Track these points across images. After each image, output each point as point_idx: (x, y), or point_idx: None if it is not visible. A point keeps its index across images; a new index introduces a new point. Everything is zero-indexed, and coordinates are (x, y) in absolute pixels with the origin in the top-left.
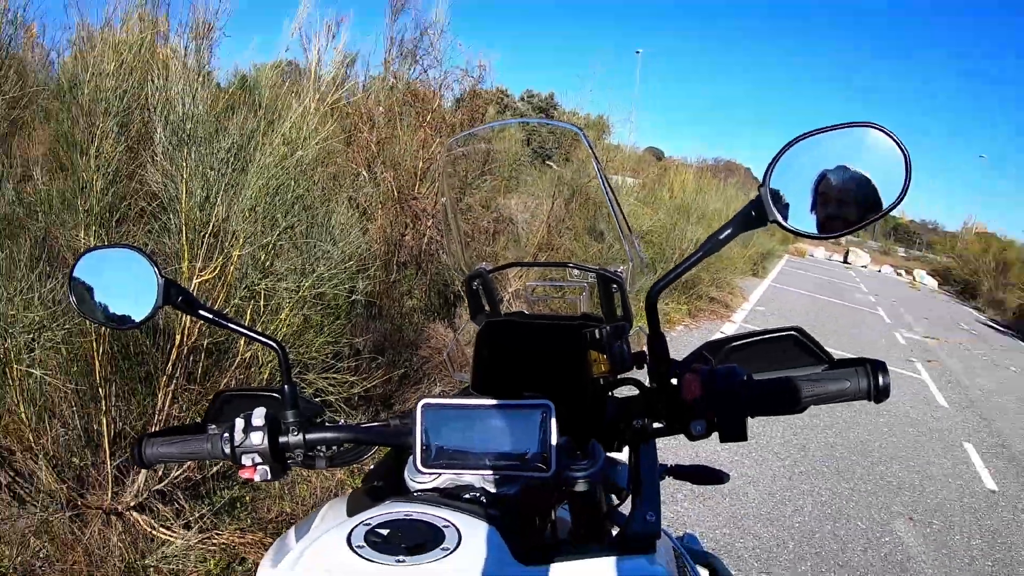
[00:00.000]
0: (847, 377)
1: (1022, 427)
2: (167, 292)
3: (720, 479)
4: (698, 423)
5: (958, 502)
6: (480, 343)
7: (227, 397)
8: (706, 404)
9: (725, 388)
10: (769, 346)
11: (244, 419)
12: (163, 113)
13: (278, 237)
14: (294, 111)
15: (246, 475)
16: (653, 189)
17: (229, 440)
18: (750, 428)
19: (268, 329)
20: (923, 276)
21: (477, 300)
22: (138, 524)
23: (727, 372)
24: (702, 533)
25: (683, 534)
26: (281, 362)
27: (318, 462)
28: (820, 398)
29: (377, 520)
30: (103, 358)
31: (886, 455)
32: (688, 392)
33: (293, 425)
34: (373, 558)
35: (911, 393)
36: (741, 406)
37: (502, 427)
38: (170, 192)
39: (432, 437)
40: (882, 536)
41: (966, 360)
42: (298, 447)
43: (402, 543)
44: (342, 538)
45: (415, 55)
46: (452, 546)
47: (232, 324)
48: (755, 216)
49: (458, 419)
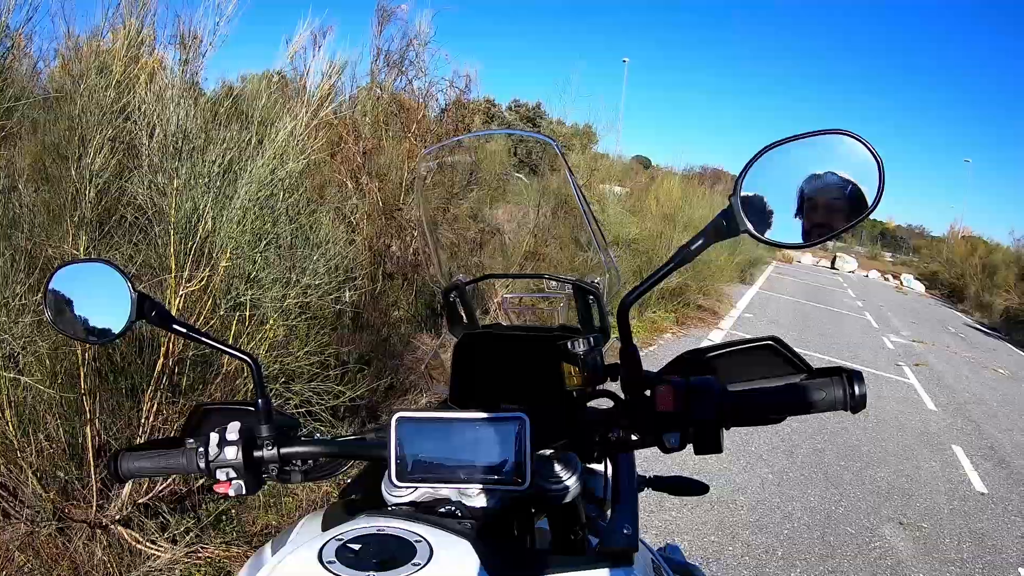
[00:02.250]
0: (822, 387)
1: (1011, 429)
2: (140, 307)
3: (700, 490)
4: (672, 436)
5: (948, 505)
6: (458, 356)
7: (205, 411)
8: (680, 416)
9: (699, 400)
10: (746, 356)
11: (219, 433)
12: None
13: (265, 248)
14: (285, 127)
15: (221, 490)
16: (640, 198)
17: (204, 455)
18: (735, 436)
19: (254, 340)
20: (910, 280)
21: (455, 312)
22: (123, 538)
23: (701, 384)
24: (691, 541)
25: (665, 545)
26: (254, 376)
27: (293, 476)
28: (795, 409)
29: (349, 535)
30: (88, 370)
31: (875, 459)
32: (662, 404)
33: (267, 439)
34: (342, 573)
35: (899, 397)
36: (715, 419)
37: (477, 440)
38: (159, 204)
39: (407, 450)
40: (872, 541)
41: (954, 363)
42: (272, 461)
43: (373, 558)
44: (313, 554)
45: (401, 66)
46: (423, 561)
47: (206, 338)
48: (726, 226)
49: (433, 432)
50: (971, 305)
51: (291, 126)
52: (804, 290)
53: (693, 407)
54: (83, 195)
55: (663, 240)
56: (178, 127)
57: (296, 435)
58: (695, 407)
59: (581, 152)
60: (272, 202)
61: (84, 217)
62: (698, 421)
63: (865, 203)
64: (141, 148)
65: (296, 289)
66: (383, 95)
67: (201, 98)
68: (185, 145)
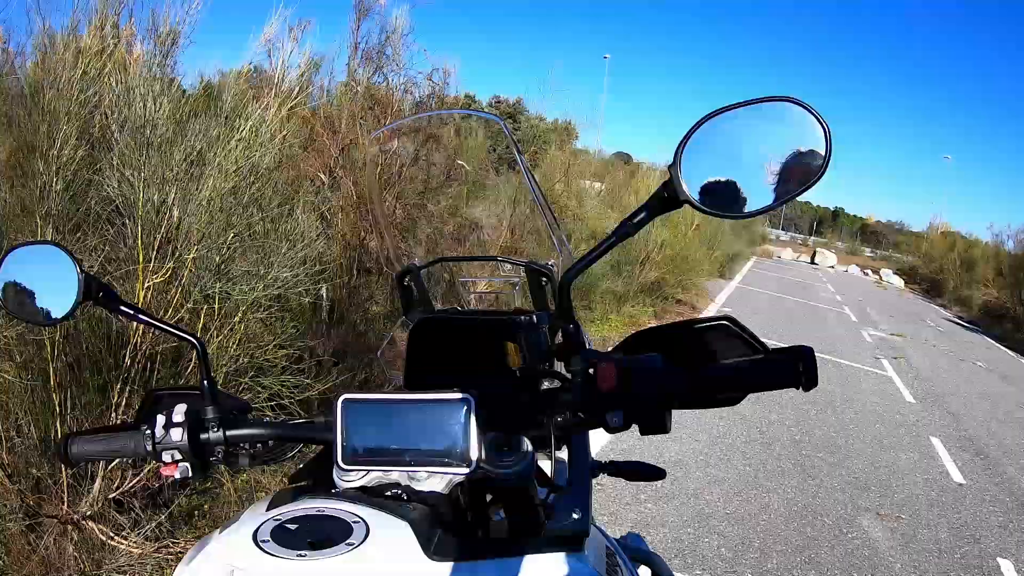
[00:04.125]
0: (772, 365)
1: (988, 421)
2: (87, 288)
3: (657, 476)
4: (614, 415)
5: (925, 496)
6: (412, 341)
7: (157, 396)
8: (622, 394)
9: (641, 378)
10: (701, 337)
11: (165, 416)
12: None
13: (233, 238)
14: (255, 114)
15: (167, 472)
16: (619, 193)
17: (151, 437)
18: (712, 428)
19: (222, 333)
20: (889, 275)
21: (409, 297)
22: (94, 533)
23: (644, 361)
24: (666, 533)
25: (627, 533)
26: (200, 357)
27: (241, 460)
28: (743, 387)
29: (288, 516)
30: (59, 364)
31: (853, 451)
32: (603, 382)
33: (213, 421)
34: (275, 552)
35: (878, 390)
36: (658, 396)
37: (424, 422)
38: (126, 195)
39: (353, 433)
40: (849, 532)
41: (932, 356)
42: (219, 444)
43: (308, 538)
44: (249, 533)
45: (379, 61)
46: (357, 541)
47: (151, 319)
48: (667, 198)
49: (379, 414)
50: (950, 300)
51: (259, 113)
52: (783, 285)
53: (636, 385)
54: (51, 187)
55: (641, 233)
56: (146, 118)
57: (246, 419)
58: (637, 385)
59: (560, 148)
60: (239, 194)
61: (51, 210)
62: (640, 399)
63: (812, 171)
64: (111, 140)
65: (266, 280)
66: (359, 89)
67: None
68: (153, 137)
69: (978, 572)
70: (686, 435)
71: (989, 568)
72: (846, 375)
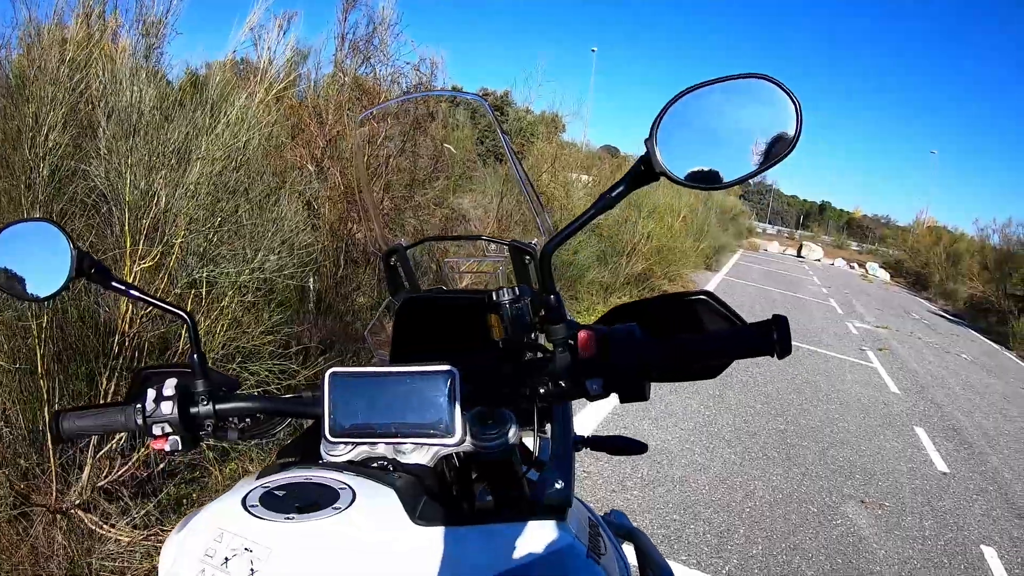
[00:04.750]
0: (748, 333)
1: (972, 411)
2: (80, 264)
3: (639, 449)
4: (594, 382)
5: (910, 484)
6: (398, 320)
7: (147, 375)
8: (601, 362)
9: (620, 345)
10: (680, 311)
11: (155, 390)
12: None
13: (220, 222)
14: (239, 99)
15: (158, 446)
16: (606, 185)
17: (141, 411)
18: (697, 416)
19: (209, 318)
20: (875, 269)
21: (396, 277)
22: (83, 522)
23: (621, 330)
24: (652, 520)
25: (610, 511)
26: (190, 332)
27: (230, 433)
28: (719, 355)
29: (276, 483)
30: (45, 351)
31: (837, 440)
32: (583, 349)
33: (202, 395)
34: (263, 515)
35: (862, 380)
36: (637, 363)
37: (409, 395)
38: (113, 182)
39: (341, 407)
40: (834, 519)
41: (917, 348)
42: (208, 417)
43: (295, 503)
44: (237, 499)
45: (367, 53)
46: (344, 506)
47: (142, 295)
48: (644, 171)
49: (366, 388)
50: (935, 293)
51: (244, 99)
52: (770, 277)
53: (614, 353)
54: (37, 173)
55: (627, 225)
56: (132, 103)
57: (235, 393)
58: (616, 353)
59: (547, 141)
60: (225, 178)
61: (37, 197)
62: (619, 366)
63: (783, 145)
64: (97, 127)
65: (253, 264)
66: (346, 80)
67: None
68: (140, 123)
69: (962, 559)
70: (671, 423)
71: (973, 555)
72: (831, 366)
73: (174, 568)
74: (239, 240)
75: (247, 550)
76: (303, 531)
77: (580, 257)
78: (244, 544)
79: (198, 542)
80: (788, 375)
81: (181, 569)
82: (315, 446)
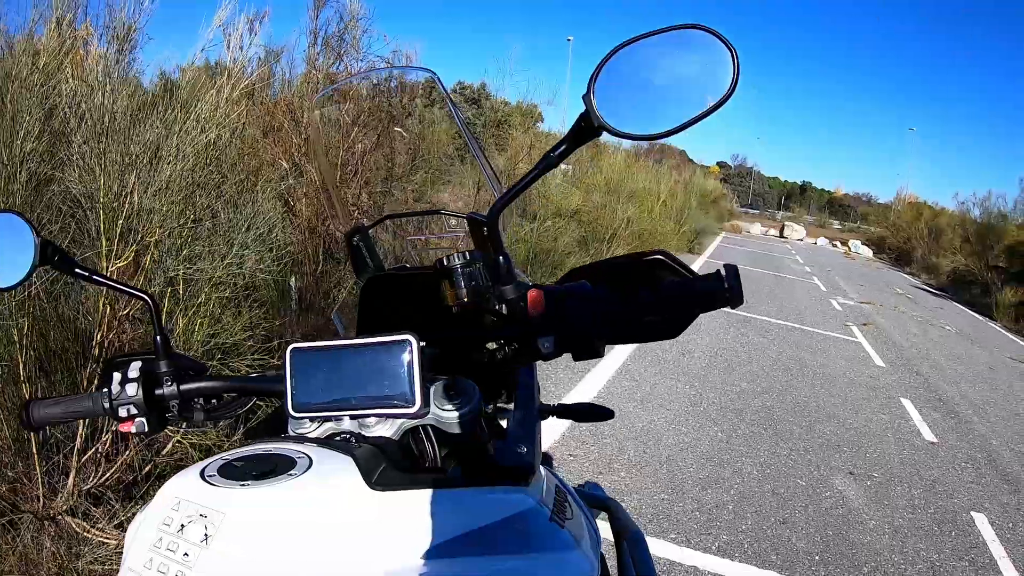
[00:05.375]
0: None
1: (958, 382)
2: (44, 252)
3: (605, 415)
4: (546, 339)
5: (898, 455)
6: (363, 299)
7: (116, 363)
8: (551, 319)
9: (571, 301)
10: (635, 270)
11: (121, 373)
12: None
13: (194, 220)
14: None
15: (124, 428)
16: (585, 172)
17: (107, 394)
18: (683, 397)
19: (187, 317)
20: (858, 246)
21: (360, 257)
22: (71, 527)
23: (572, 286)
24: (640, 499)
25: (584, 482)
26: (152, 313)
27: (196, 415)
28: (673, 306)
29: (235, 456)
30: (27, 359)
31: (824, 415)
32: (533, 307)
33: (167, 375)
34: (220, 484)
35: (848, 355)
36: (588, 319)
37: (369, 367)
38: (87, 184)
39: (303, 381)
40: (823, 491)
41: (901, 322)
42: (173, 398)
43: (253, 471)
44: (196, 471)
45: (339, 49)
46: (299, 472)
47: (105, 279)
48: (585, 127)
49: (326, 361)
50: (918, 267)
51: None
52: (753, 258)
53: (566, 308)
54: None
55: (607, 210)
56: (104, 105)
57: (201, 375)
58: (567, 308)
59: (524, 131)
60: (197, 175)
61: (15, 203)
62: (571, 322)
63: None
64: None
65: (229, 260)
66: (319, 76)
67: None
68: (112, 125)
69: (952, 526)
70: (656, 404)
71: (963, 522)
72: (816, 342)
73: (135, 541)
74: (215, 237)
75: (202, 515)
76: (257, 496)
77: (560, 243)
78: (199, 511)
79: (157, 512)
80: (773, 353)
81: (141, 540)
82: (281, 429)
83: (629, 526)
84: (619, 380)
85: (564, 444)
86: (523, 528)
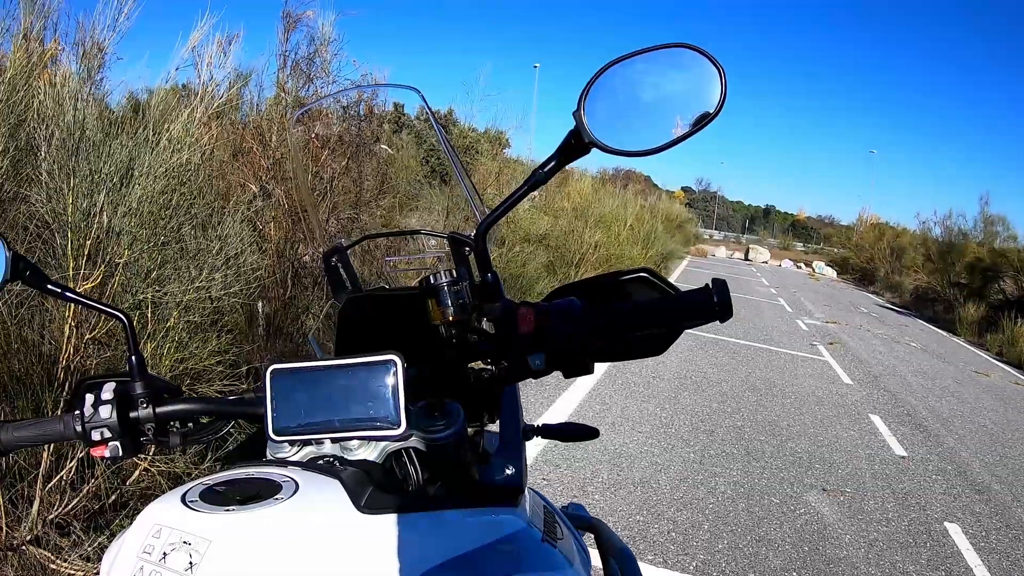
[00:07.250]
0: (689, 299)
1: (925, 396)
2: (15, 267)
3: (590, 435)
4: (536, 357)
5: (869, 470)
6: (342, 319)
7: (88, 385)
8: (542, 336)
9: (561, 318)
10: (621, 287)
11: (94, 395)
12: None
13: (163, 242)
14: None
15: (98, 453)
16: (552, 198)
17: (80, 417)
18: (654, 418)
19: (155, 340)
20: (822, 267)
21: (337, 277)
22: (35, 558)
23: (561, 303)
24: (616, 522)
25: (568, 503)
26: (128, 333)
27: (172, 439)
28: (662, 321)
29: (216, 480)
30: None
31: (795, 432)
32: (523, 325)
33: (142, 397)
34: (202, 509)
35: (815, 374)
36: (578, 335)
37: (352, 387)
38: (55, 204)
39: (284, 403)
40: (797, 508)
41: (867, 340)
42: (149, 421)
43: (236, 496)
44: (177, 496)
45: (309, 72)
46: (286, 496)
47: (78, 297)
48: (575, 144)
49: (308, 383)
50: (881, 286)
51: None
52: None
53: (555, 325)
54: None
55: (574, 235)
56: (76, 121)
57: (177, 397)
58: (556, 326)
59: (492, 158)
60: (167, 196)
61: None
62: (561, 339)
63: (709, 110)
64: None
65: (198, 283)
66: (288, 99)
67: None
68: (83, 143)
69: (927, 537)
70: (628, 427)
71: (937, 532)
72: (783, 362)
73: (113, 570)
74: (183, 260)
75: (186, 543)
76: (243, 522)
77: (529, 268)
78: (183, 538)
79: (135, 540)
80: (742, 373)
81: (119, 570)
82: (261, 448)
83: (617, 544)
84: (590, 404)
85: (537, 468)
86: (515, 550)
